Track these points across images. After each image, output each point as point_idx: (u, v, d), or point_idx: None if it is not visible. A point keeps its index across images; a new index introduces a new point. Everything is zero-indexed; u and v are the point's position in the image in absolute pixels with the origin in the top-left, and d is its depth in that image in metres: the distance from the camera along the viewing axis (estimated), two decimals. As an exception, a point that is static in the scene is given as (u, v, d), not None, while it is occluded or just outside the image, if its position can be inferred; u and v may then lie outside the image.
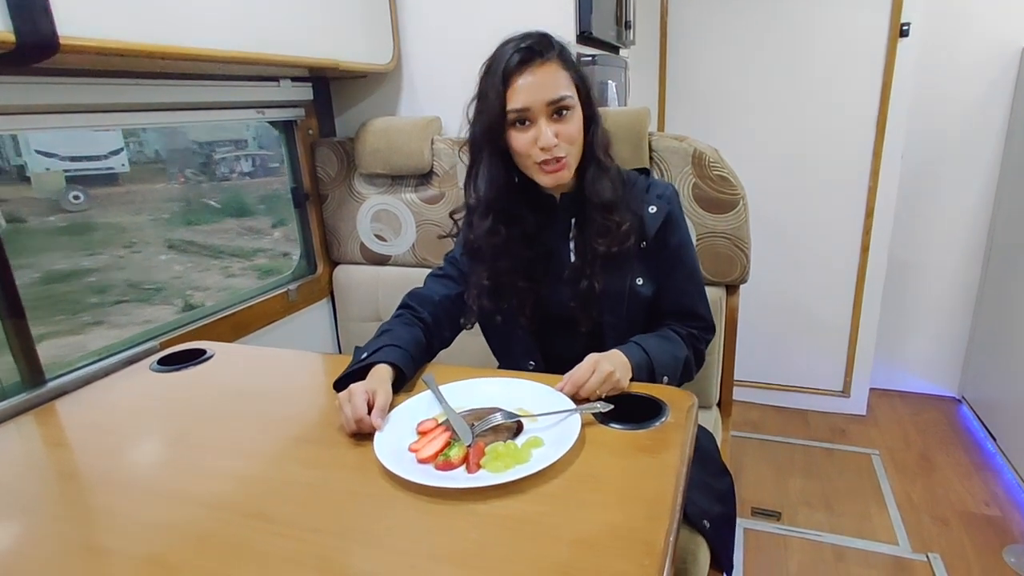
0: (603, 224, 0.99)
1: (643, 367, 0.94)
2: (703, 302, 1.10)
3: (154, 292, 4.19)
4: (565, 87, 0.92)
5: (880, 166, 2.11)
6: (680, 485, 0.68)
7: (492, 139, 0.96)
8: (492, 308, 1.04)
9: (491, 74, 0.93)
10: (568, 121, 0.93)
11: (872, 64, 2.05)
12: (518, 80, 0.91)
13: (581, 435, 0.77)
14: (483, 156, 1.00)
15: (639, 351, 0.96)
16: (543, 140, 0.91)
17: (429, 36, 1.56)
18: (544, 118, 0.92)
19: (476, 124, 0.98)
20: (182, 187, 5.10)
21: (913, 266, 2.39)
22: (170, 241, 4.77)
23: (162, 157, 5.07)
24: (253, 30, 1.15)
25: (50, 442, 0.90)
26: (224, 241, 4.79)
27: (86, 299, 3.74)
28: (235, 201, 5.07)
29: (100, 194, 4.57)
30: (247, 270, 4.39)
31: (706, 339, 1.10)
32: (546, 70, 0.91)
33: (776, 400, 2.49)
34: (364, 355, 0.95)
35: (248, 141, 4.29)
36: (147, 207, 5.04)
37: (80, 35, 0.82)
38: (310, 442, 0.83)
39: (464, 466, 0.73)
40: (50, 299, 3.70)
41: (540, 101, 0.91)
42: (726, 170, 1.28)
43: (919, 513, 1.81)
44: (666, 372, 0.97)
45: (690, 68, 2.33)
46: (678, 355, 1.02)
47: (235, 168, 5.01)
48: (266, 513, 0.68)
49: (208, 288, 4.28)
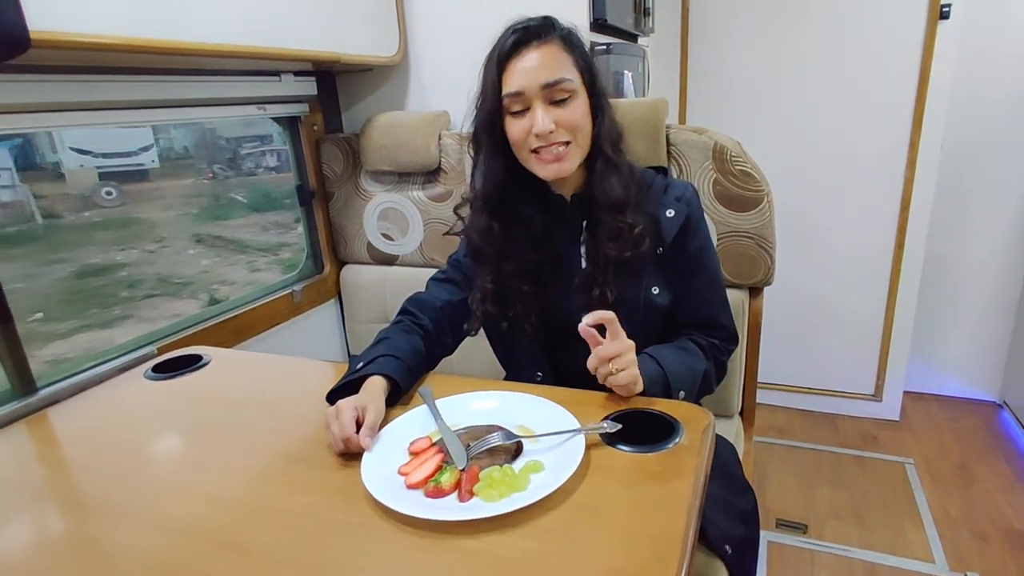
0: (613, 226, 0.91)
1: (657, 381, 0.87)
2: (725, 310, 1.02)
3: (182, 286, 4.24)
4: (565, 70, 0.85)
5: (917, 157, 1.98)
6: (692, 521, 0.61)
7: (490, 129, 0.90)
8: (497, 314, 0.98)
9: (489, 60, 0.88)
10: (568, 107, 0.86)
11: (910, 49, 1.92)
12: (514, 63, 0.85)
13: (585, 459, 0.70)
14: (482, 148, 0.94)
15: (652, 364, 0.88)
16: (538, 126, 0.85)
17: (437, 26, 1.50)
18: (540, 103, 0.85)
19: (477, 115, 0.92)
20: (210, 182, 5.17)
21: (952, 262, 2.26)
22: (198, 236, 4.83)
23: (190, 153, 5.15)
24: (248, 22, 1.10)
25: (26, 459, 0.86)
26: (250, 236, 4.84)
27: (118, 293, 3.80)
28: (261, 196, 5.11)
29: (131, 190, 4.64)
30: (272, 264, 4.42)
31: (728, 349, 1.03)
32: (544, 51, 0.85)
33: (803, 404, 2.38)
34: (360, 365, 0.90)
35: (274, 136, 4.30)
36: (176, 202, 5.12)
37: (54, 30, 0.77)
38: (297, 461, 0.78)
39: (456, 492, 0.67)
40: (84, 293, 3.78)
41: (535, 83, 0.84)
42: (749, 164, 1.19)
43: (957, 528, 1.71)
44: (683, 386, 0.89)
45: (714, 57, 2.22)
46: (696, 368, 0.94)
47: (261, 163, 5.04)
48: (241, 543, 0.63)
49: (234, 282, 4.32)
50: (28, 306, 3.26)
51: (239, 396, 0.99)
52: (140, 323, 3.66)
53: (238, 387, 1.03)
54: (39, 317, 3.31)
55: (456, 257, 1.08)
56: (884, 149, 2.04)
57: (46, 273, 3.80)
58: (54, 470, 0.83)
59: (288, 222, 4.97)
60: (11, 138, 3.23)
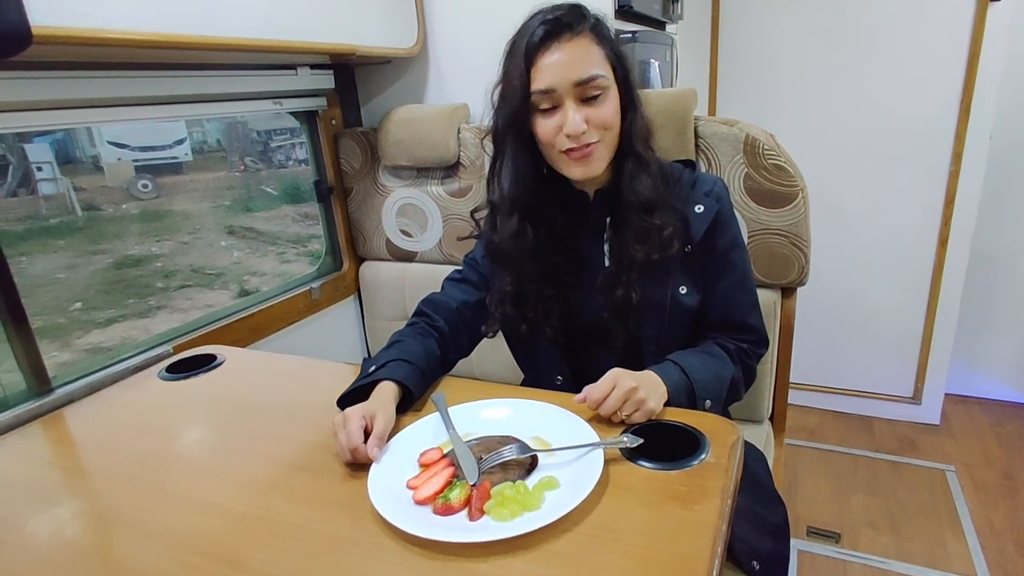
0: (642, 227, 0.87)
1: (682, 390, 0.82)
2: (755, 312, 0.96)
3: (214, 277, 4.32)
4: (598, 65, 0.81)
5: (964, 149, 1.87)
6: (718, 548, 0.57)
7: (516, 127, 0.85)
8: (516, 316, 0.94)
9: (514, 52, 0.83)
10: (600, 105, 0.81)
11: (957, 33, 1.81)
12: (543, 57, 0.80)
13: (603, 476, 0.66)
14: (507, 147, 0.89)
15: (677, 372, 0.84)
16: (569, 126, 0.80)
17: (456, 16, 1.45)
18: (572, 101, 0.81)
19: (499, 111, 0.88)
20: (241, 175, 5.25)
21: (998, 260, 2.14)
22: (230, 228, 4.91)
23: (223, 146, 5.23)
24: (263, 15, 1.07)
25: (34, 462, 0.85)
26: (280, 228, 4.90)
27: (154, 283, 3.89)
28: (291, 188, 5.16)
29: (166, 183, 4.75)
30: (301, 255, 4.47)
31: (758, 354, 0.97)
32: (575, 45, 0.79)
33: (836, 405, 2.29)
34: (372, 368, 0.87)
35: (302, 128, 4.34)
36: (209, 195, 5.21)
37: (56, 24, 0.75)
38: (303, 470, 0.76)
39: (466, 510, 0.64)
40: (122, 283, 3.88)
41: (567, 81, 0.79)
42: (783, 158, 1.13)
43: (1001, 540, 1.61)
44: (709, 395, 0.84)
45: (747, 44, 2.13)
46: (723, 374, 0.89)
47: (291, 155, 5.09)
48: (239, 559, 0.60)
49: (264, 273, 4.38)
50: (69, 296, 3.34)
51: (251, 399, 0.97)
52: (175, 313, 3.74)
53: (250, 389, 1.02)
54: (79, 307, 3.40)
55: (472, 256, 1.04)
56: (927, 141, 1.93)
57: (86, 264, 3.90)
58: (67, 474, 0.82)
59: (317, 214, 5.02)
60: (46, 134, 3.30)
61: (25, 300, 0.98)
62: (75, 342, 2.96)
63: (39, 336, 1.01)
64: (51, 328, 2.82)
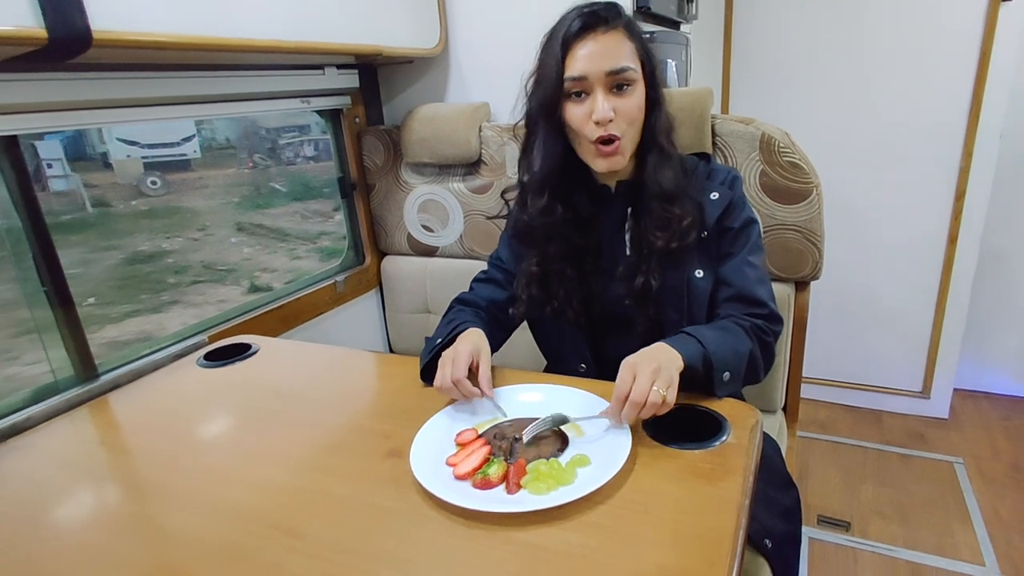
0: (663, 215, 0.90)
1: (697, 358, 0.81)
2: (763, 287, 0.96)
3: (226, 273, 4.37)
4: (628, 58, 0.85)
5: (974, 146, 1.90)
6: (742, 521, 0.61)
7: (549, 111, 0.89)
8: (541, 298, 0.98)
9: (551, 41, 0.87)
10: (628, 96, 0.86)
11: (968, 33, 1.83)
12: (578, 47, 0.84)
13: (631, 455, 0.70)
14: (539, 130, 0.93)
15: (692, 341, 0.83)
16: (598, 113, 0.84)
17: (477, 18, 1.49)
18: (602, 89, 0.85)
19: (532, 96, 0.92)
20: (250, 172, 5.29)
21: (1008, 256, 2.16)
22: (240, 224, 4.96)
23: (232, 143, 5.27)
24: (295, 18, 1.11)
25: (90, 442, 0.91)
26: (291, 224, 4.95)
27: (166, 279, 3.94)
28: (300, 185, 5.20)
29: (175, 179, 4.79)
30: (311, 252, 4.52)
31: (773, 331, 0.94)
32: (610, 38, 0.84)
33: (847, 399, 2.33)
34: (438, 340, 0.93)
35: (311, 126, 4.38)
36: (218, 191, 5.26)
37: (114, 29, 0.80)
38: (344, 449, 0.80)
39: (504, 484, 0.68)
40: (135, 279, 3.93)
41: (599, 70, 0.84)
42: (798, 155, 1.16)
43: (1009, 531, 1.65)
44: (727, 367, 0.83)
45: (758, 43, 2.16)
46: (740, 349, 0.87)
47: (300, 152, 5.13)
48: (295, 528, 0.65)
49: (276, 270, 4.43)
50: (83, 291, 3.40)
51: (287, 384, 1.02)
52: (188, 308, 3.78)
53: (286, 376, 1.06)
54: (92, 302, 3.45)
55: (497, 255, 1.09)
56: (939, 138, 1.95)
57: (99, 260, 3.95)
58: (117, 454, 0.86)
59: (327, 211, 5.07)
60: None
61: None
62: (92, 336, 3.02)
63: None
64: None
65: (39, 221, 0.97)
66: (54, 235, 0.99)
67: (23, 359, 1.18)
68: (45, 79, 0.91)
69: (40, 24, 0.71)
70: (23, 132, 0.92)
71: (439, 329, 0.97)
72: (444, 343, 0.91)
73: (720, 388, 0.82)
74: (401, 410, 0.88)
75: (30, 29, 0.71)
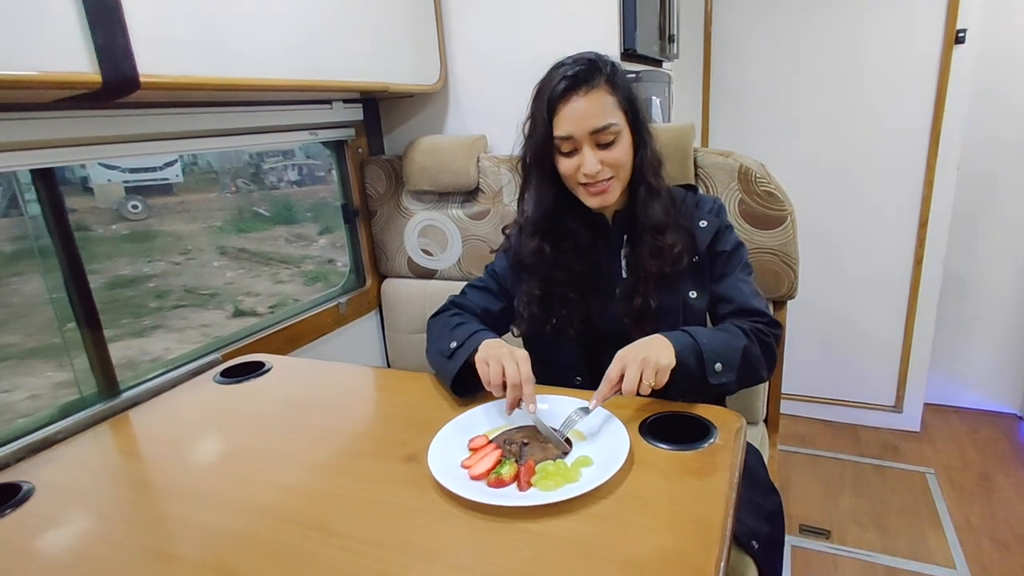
0: (655, 245, 1.00)
1: (688, 350, 0.88)
2: (759, 300, 1.05)
3: (208, 297, 4.37)
4: (610, 114, 0.93)
5: (934, 177, 2.04)
6: (729, 510, 0.68)
7: (540, 163, 0.98)
8: (542, 317, 1.06)
9: (539, 99, 0.96)
10: (614, 148, 0.95)
11: (926, 72, 1.99)
12: (563, 108, 0.93)
13: (630, 456, 0.78)
14: (532, 178, 1.02)
15: (685, 335, 0.91)
16: (586, 167, 0.93)
17: (474, 56, 1.60)
18: (588, 145, 0.94)
19: (526, 146, 1.01)
20: (233, 196, 5.30)
21: (970, 278, 2.31)
22: (223, 248, 4.97)
23: (214, 168, 5.28)
24: (309, 59, 1.20)
25: (124, 451, 0.96)
26: (274, 248, 4.96)
27: (147, 303, 3.92)
28: (283, 209, 5.23)
29: (157, 204, 4.78)
30: (295, 276, 4.54)
31: (773, 333, 1.01)
32: (591, 98, 0.92)
33: (825, 414, 2.43)
34: (453, 344, 0.98)
35: (295, 151, 4.44)
36: (201, 215, 5.26)
37: (157, 72, 0.88)
38: (364, 456, 0.87)
39: (515, 484, 0.75)
40: (116, 303, 3.91)
41: (583, 130, 0.93)
42: (773, 185, 1.27)
43: (978, 536, 1.75)
44: (719, 358, 0.89)
45: (735, 80, 2.31)
46: (735, 343, 0.93)
47: (283, 177, 5.17)
48: (326, 525, 0.71)
49: (259, 294, 4.44)
50: (66, 315, 3.38)
51: (303, 398, 1.08)
52: (170, 332, 3.77)
53: (301, 391, 1.12)
54: (72, 327, 3.44)
55: (493, 268, 1.17)
56: (902, 169, 2.10)
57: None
58: (148, 462, 0.92)
59: (311, 235, 5.08)
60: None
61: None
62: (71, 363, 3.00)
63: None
64: (45, 348, 2.86)
65: (71, 246, 1.04)
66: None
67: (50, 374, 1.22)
68: (76, 116, 0.99)
69: (96, 70, 0.79)
70: (61, 164, 0.99)
71: (449, 331, 1.02)
72: (460, 346, 0.97)
73: (713, 377, 0.89)
74: (414, 420, 0.95)
75: (87, 74, 0.79)
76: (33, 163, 0.93)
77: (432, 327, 1.10)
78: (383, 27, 1.38)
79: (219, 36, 0.99)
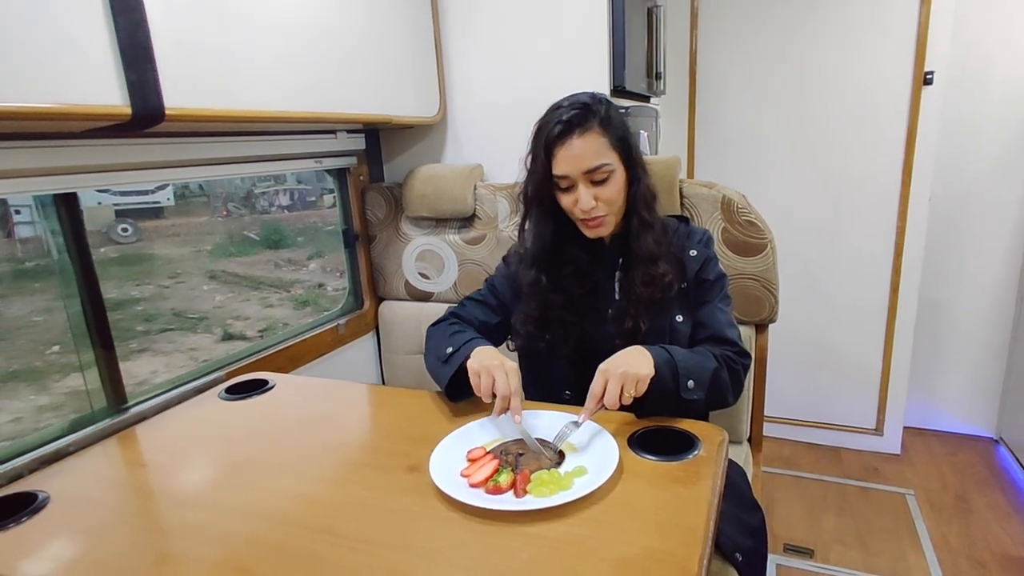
0: (647, 274, 1.06)
1: (665, 364, 0.95)
2: (733, 330, 1.12)
3: (197, 321, 4.36)
4: (603, 155, 1.00)
5: (908, 209, 2.15)
6: (712, 515, 0.74)
7: (540, 198, 1.06)
8: (538, 335, 1.12)
9: (538, 139, 1.03)
10: (607, 185, 1.02)
11: (897, 111, 2.11)
12: (559, 150, 1.00)
13: (619, 465, 0.83)
14: (532, 212, 1.10)
15: (660, 348, 0.98)
16: (581, 204, 1.01)
17: (472, 91, 1.68)
18: (583, 184, 1.01)
19: (528, 181, 1.08)
20: (224, 220, 5.33)
21: (945, 305, 2.40)
22: (212, 272, 4.98)
23: (205, 192, 5.32)
24: (318, 93, 1.27)
25: (135, 463, 1.00)
26: (263, 272, 4.99)
27: (134, 327, 3.92)
28: (274, 233, 5.27)
29: (147, 227, 4.81)
30: (284, 300, 4.56)
31: (743, 364, 1.09)
32: (585, 141, 0.99)
33: (808, 437, 2.49)
34: (449, 350, 1.04)
35: (286, 176, 4.49)
36: (191, 239, 5.28)
37: (181, 106, 0.94)
38: (367, 466, 0.91)
39: (512, 491, 0.80)
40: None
41: (578, 170, 1.00)
42: (753, 215, 1.35)
43: (956, 555, 1.80)
44: (691, 375, 0.96)
45: (718, 115, 2.42)
46: (706, 364, 1.00)
47: (274, 202, 5.22)
48: (334, 528, 0.76)
49: (248, 317, 4.44)
50: (47, 339, 3.34)
51: (307, 413, 1.13)
52: (156, 356, 3.76)
53: (304, 407, 1.17)
54: (56, 350, 3.40)
55: (492, 282, 1.23)
56: (877, 202, 2.21)
57: (64, 307, 3.94)
58: (157, 473, 0.95)
59: (301, 259, 5.09)
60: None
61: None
62: (53, 386, 2.94)
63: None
64: (27, 372, 2.83)
65: (89, 268, 1.09)
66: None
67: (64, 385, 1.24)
68: (102, 144, 1.05)
69: (127, 103, 0.85)
70: (85, 188, 1.05)
71: (447, 338, 1.09)
72: (455, 352, 1.03)
73: (685, 392, 0.96)
74: (414, 434, 0.99)
75: (119, 107, 0.85)
76: (60, 187, 0.99)
77: (431, 335, 1.16)
78: (387, 64, 1.46)
79: (237, 72, 1.06)
